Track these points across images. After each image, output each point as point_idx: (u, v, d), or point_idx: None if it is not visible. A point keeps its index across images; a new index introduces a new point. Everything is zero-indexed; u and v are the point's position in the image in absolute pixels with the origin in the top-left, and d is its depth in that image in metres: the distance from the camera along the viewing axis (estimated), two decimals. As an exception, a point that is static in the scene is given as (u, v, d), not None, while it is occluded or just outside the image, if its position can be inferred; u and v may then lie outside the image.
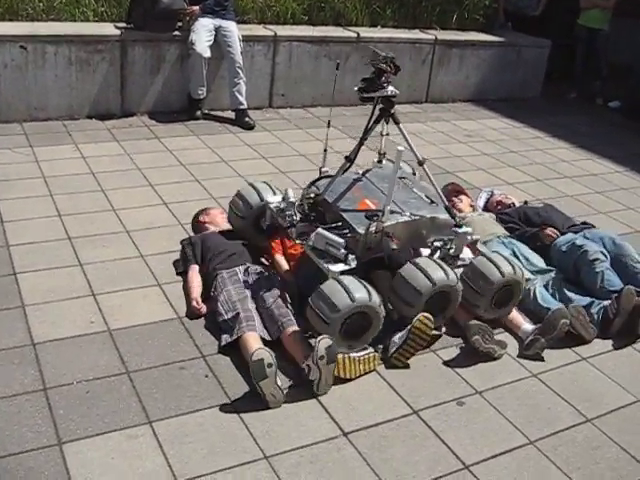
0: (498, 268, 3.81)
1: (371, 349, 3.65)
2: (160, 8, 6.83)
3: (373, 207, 3.78)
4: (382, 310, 3.48)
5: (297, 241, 3.82)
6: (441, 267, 3.64)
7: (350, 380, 3.48)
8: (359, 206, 3.82)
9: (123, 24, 7.05)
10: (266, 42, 7.53)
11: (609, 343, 4.08)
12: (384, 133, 3.90)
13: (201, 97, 7.18)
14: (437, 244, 3.85)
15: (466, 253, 4.06)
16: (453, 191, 5.23)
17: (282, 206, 3.92)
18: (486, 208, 5.41)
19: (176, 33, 7.10)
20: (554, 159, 7.19)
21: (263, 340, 3.55)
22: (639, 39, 9.09)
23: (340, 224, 3.74)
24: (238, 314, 3.65)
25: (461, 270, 3.91)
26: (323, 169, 4.02)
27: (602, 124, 8.73)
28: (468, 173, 6.39)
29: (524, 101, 9.26)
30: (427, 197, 4.00)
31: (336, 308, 3.34)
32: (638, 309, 4.00)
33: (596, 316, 4.08)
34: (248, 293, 3.83)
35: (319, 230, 3.65)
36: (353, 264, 3.56)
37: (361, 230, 3.64)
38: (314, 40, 7.75)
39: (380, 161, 4.25)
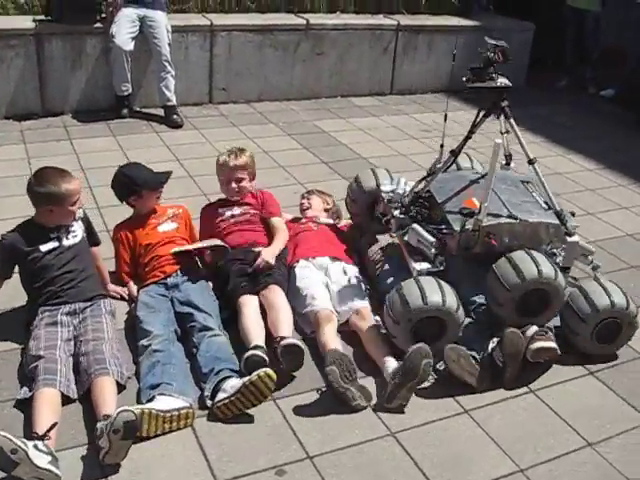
0: (609, 296, 3.43)
1: (186, 403, 2.95)
2: (75, -2, 6.24)
3: (477, 203, 3.49)
4: (461, 316, 3.30)
5: (394, 234, 3.75)
6: (534, 261, 3.29)
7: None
8: (464, 203, 3.58)
9: (42, 17, 6.45)
10: (202, 32, 6.87)
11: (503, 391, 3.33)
12: (502, 131, 3.59)
13: (125, 94, 6.57)
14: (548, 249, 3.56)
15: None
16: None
17: (391, 197, 3.81)
18: None
19: (98, 25, 6.49)
20: (518, 156, 6.34)
21: (67, 398, 2.91)
22: (632, 20, 8.12)
23: (439, 220, 3.60)
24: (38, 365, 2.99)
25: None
26: (438, 166, 3.72)
27: (588, 115, 7.89)
28: (407, 174, 5.59)
29: (506, 90, 8.36)
30: (545, 203, 3.66)
31: (407, 308, 3.19)
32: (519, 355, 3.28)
33: (483, 363, 3.33)
34: (67, 335, 3.18)
35: (414, 226, 3.57)
36: (440, 267, 3.46)
37: (457, 227, 3.45)
38: (257, 29, 7.05)
39: (508, 163, 3.82)
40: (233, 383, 3.00)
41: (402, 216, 3.69)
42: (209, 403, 3.02)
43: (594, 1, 8.33)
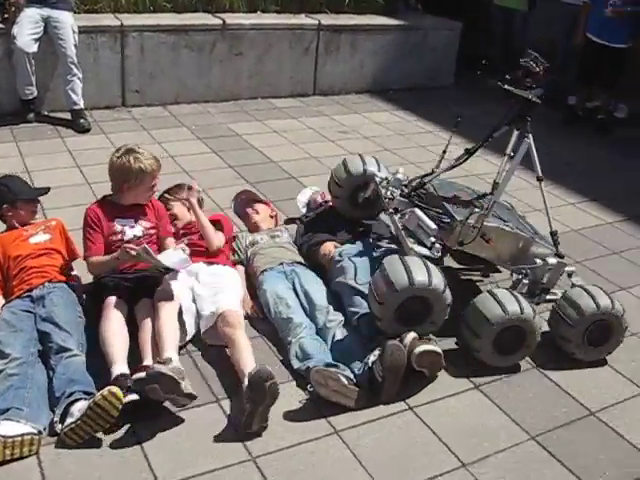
0: (594, 299, 3.48)
1: (33, 430, 2.75)
2: (-26, -3, 5.96)
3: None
4: (448, 296, 3.22)
5: (390, 210, 3.69)
6: (517, 300, 3.32)
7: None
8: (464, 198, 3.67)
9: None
10: (112, 33, 6.62)
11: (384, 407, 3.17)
12: (508, 152, 3.53)
13: (30, 97, 6.31)
14: (520, 276, 3.58)
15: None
16: (248, 200, 4.36)
17: (389, 180, 3.83)
18: (309, 208, 4.59)
19: (0, 26, 6.20)
20: (434, 157, 6.20)
21: None
22: (558, 19, 8.04)
23: (440, 211, 3.59)
24: None
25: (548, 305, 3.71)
26: (435, 169, 3.82)
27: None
28: (316, 177, 5.46)
29: (434, 91, 8.28)
30: (532, 229, 3.85)
31: (393, 288, 3.11)
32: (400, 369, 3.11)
33: (362, 378, 3.16)
34: None
35: (416, 210, 3.55)
36: (437, 254, 3.41)
37: (459, 217, 3.47)
38: (170, 29, 6.82)
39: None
40: (80, 406, 2.80)
41: (402, 199, 3.70)
42: (59, 428, 2.81)
43: (521, 1, 8.23)
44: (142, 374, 2.92)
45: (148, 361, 3.09)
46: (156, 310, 3.25)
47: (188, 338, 3.39)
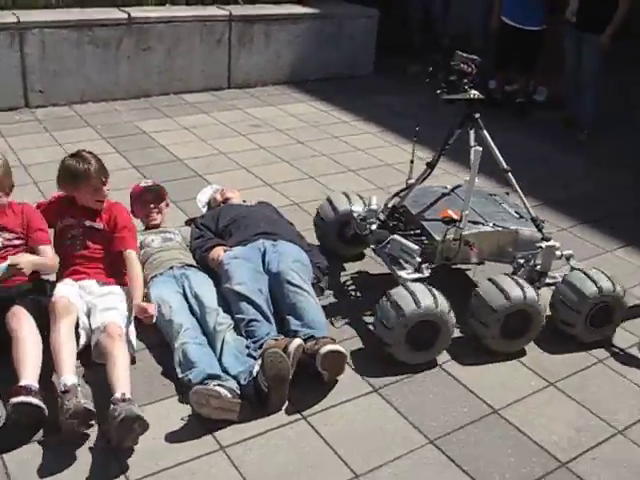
0: (595, 283, 3.50)
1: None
2: None
3: (455, 216, 3.59)
4: (452, 318, 3.28)
5: (372, 246, 3.80)
6: (519, 284, 3.37)
7: None
8: (440, 215, 3.69)
9: None
10: (9, 30, 6.29)
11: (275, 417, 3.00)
12: (472, 144, 3.52)
13: None
14: (521, 260, 3.64)
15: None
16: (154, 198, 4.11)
17: (364, 214, 3.87)
18: (210, 207, 4.40)
19: None
20: (347, 148, 6.12)
21: None
22: (476, 2, 7.96)
23: (419, 232, 3.67)
24: None
25: (550, 288, 3.70)
26: (409, 180, 3.80)
27: (436, 102, 7.63)
28: (222, 174, 5.28)
29: (353, 80, 8.13)
30: (516, 212, 3.82)
31: (401, 313, 3.16)
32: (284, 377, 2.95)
33: (247, 389, 3.00)
34: None
35: (394, 236, 3.60)
36: (426, 273, 3.47)
37: (438, 237, 3.53)
38: (72, 24, 6.53)
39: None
40: None
41: (380, 230, 3.74)
42: None
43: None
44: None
45: (29, 379, 2.84)
46: (52, 323, 3.03)
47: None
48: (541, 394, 3.31)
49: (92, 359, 3.14)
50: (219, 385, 2.89)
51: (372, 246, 3.84)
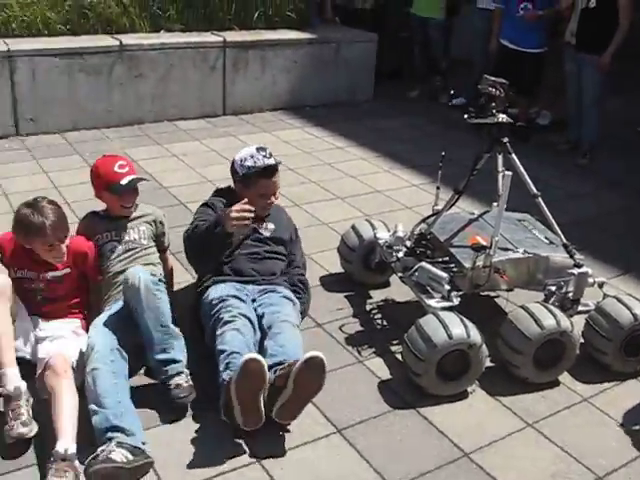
0: (630, 310, 3.41)
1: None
2: None
3: (484, 243, 3.51)
4: (485, 350, 3.19)
5: (399, 274, 3.69)
6: (552, 313, 3.28)
7: None
8: (468, 242, 3.60)
9: None
10: (-2, 59, 6.25)
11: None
12: (500, 169, 3.58)
13: None
14: (552, 288, 3.56)
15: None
16: None
17: (390, 241, 3.81)
18: None
19: None
20: (338, 175, 5.99)
21: None
22: (478, 30, 7.81)
23: (447, 259, 3.59)
24: None
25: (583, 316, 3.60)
26: (435, 207, 3.75)
27: (436, 126, 7.52)
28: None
29: (352, 105, 8.01)
30: (546, 238, 3.74)
31: (432, 344, 3.07)
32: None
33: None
34: None
35: (422, 264, 3.53)
36: (455, 301, 3.40)
37: (468, 264, 3.45)
38: (62, 52, 6.48)
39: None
40: None
41: (407, 257, 3.68)
42: None
43: (436, 9, 8.01)
44: None
45: None
46: None
47: None
48: (518, 435, 3.11)
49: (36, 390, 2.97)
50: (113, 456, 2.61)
51: (399, 274, 3.74)
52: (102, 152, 6.01)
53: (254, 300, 3.39)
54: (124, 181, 3.38)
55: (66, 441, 2.64)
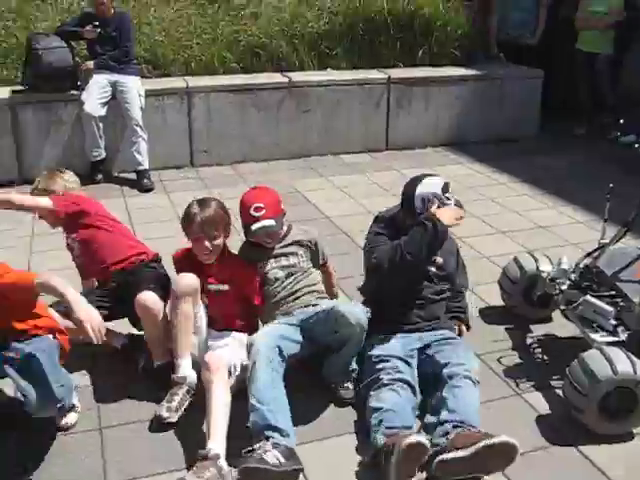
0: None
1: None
2: (43, 67, 6.28)
3: None
4: None
5: (561, 307, 3.64)
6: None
7: None
8: (637, 276, 3.52)
9: (20, 87, 6.48)
10: (178, 95, 6.73)
11: None
12: None
13: (98, 159, 6.51)
14: None
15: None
16: None
17: (554, 274, 3.71)
18: None
19: (74, 92, 6.44)
20: (501, 210, 5.94)
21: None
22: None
23: (614, 293, 3.51)
24: None
25: None
26: (601, 240, 3.67)
27: (604, 163, 7.29)
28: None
29: (516, 141, 7.94)
30: None
31: (596, 379, 3.01)
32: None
33: None
34: None
35: (587, 297, 3.47)
36: (622, 336, 3.32)
37: (636, 299, 3.37)
38: (235, 89, 6.87)
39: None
40: None
41: (571, 291, 3.59)
42: None
43: (604, 44, 7.82)
44: None
45: None
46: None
47: None
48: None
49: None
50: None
51: (561, 307, 3.67)
52: (268, 182, 6.32)
53: (428, 346, 3.36)
54: (254, 227, 3.41)
55: (212, 440, 2.78)
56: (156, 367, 3.34)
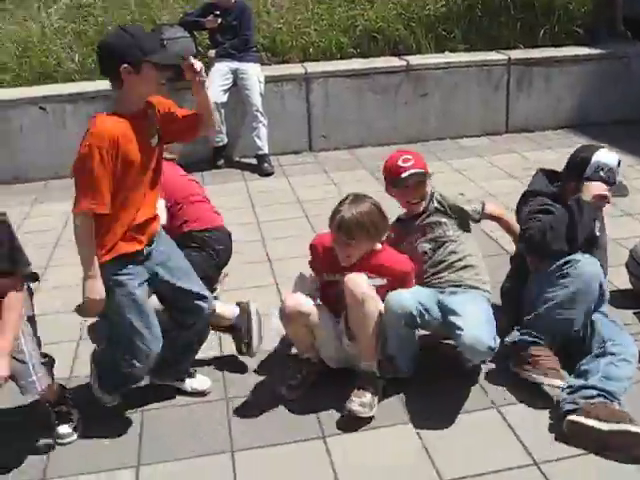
0: None
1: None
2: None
3: None
4: None
5: None
6: None
7: None
8: None
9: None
10: (297, 81, 6.83)
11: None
12: None
13: (220, 144, 6.69)
14: None
15: None
16: None
17: None
18: None
19: (197, 80, 6.62)
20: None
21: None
22: None
23: None
24: None
25: None
26: None
27: None
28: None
29: (641, 123, 7.61)
30: None
31: None
32: None
33: None
34: None
35: None
36: None
37: None
38: (353, 74, 6.91)
39: None
40: None
41: None
42: None
43: None
44: None
45: None
46: None
47: None
48: None
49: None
50: None
51: None
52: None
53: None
54: (405, 174, 3.34)
55: (366, 360, 3.04)
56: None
